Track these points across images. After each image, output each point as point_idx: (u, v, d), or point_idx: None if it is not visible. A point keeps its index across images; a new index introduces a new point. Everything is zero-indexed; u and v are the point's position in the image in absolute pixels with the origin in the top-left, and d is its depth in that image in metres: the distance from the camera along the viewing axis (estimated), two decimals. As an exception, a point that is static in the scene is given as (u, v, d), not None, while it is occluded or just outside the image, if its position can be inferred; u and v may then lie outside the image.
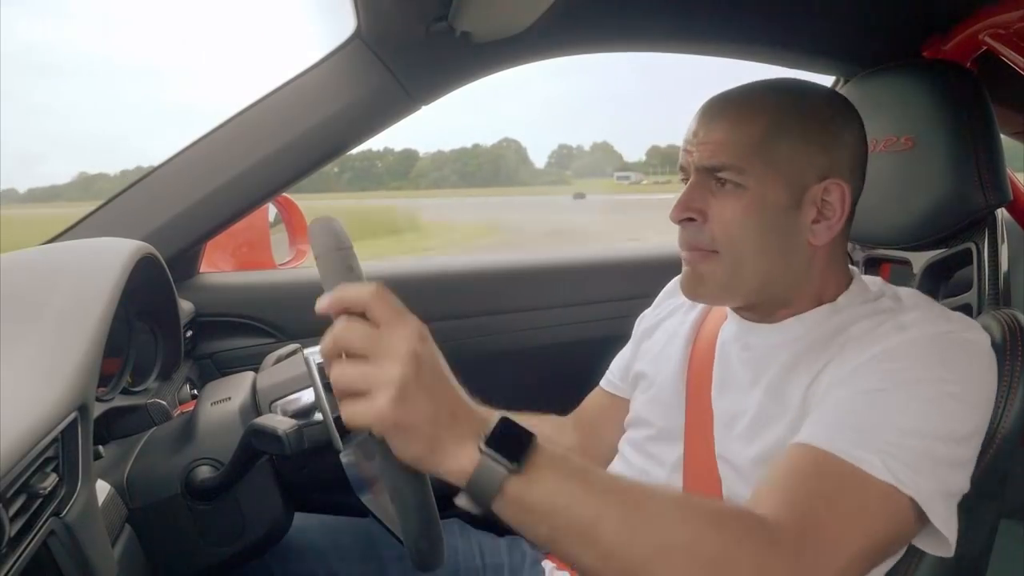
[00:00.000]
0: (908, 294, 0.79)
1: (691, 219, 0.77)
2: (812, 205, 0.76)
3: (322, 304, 0.56)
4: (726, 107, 0.78)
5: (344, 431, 0.79)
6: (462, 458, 0.55)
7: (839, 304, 0.79)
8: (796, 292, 0.79)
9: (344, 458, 0.80)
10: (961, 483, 0.67)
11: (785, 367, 0.76)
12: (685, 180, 0.80)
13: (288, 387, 0.84)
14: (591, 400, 1.09)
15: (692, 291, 0.81)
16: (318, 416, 0.82)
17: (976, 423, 0.68)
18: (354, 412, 0.55)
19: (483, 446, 0.55)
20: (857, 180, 0.79)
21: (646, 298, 1.07)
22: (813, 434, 0.66)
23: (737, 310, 0.86)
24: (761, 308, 0.82)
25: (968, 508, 0.72)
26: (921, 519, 0.64)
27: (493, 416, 0.58)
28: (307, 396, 0.84)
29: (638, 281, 1.09)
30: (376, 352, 0.54)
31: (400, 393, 0.53)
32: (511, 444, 0.56)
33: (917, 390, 0.66)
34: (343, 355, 0.55)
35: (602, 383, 1.08)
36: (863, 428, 0.64)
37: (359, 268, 0.61)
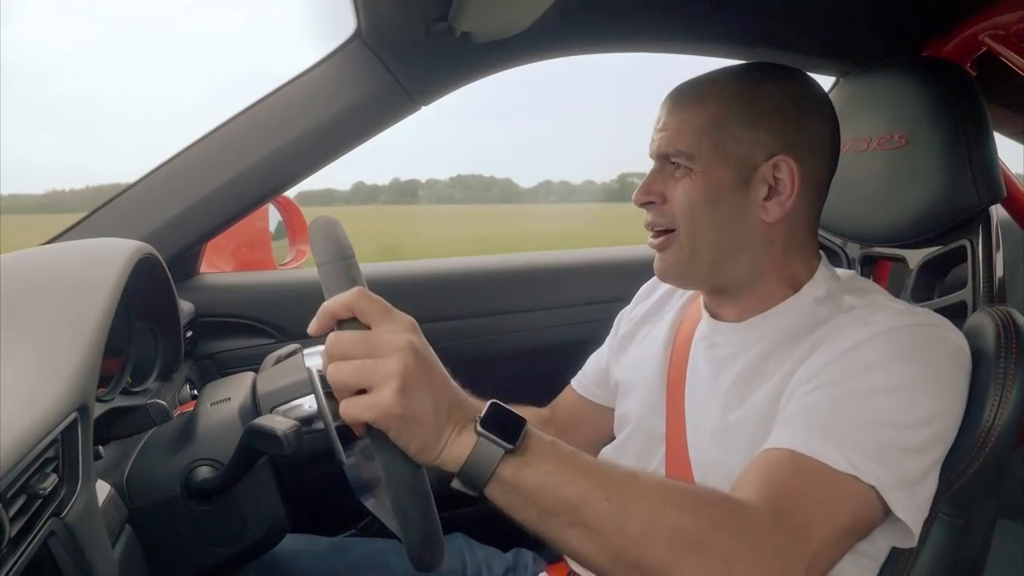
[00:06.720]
0: (875, 292, 0.80)
1: (651, 202, 0.82)
2: (763, 183, 0.78)
3: (313, 328, 0.58)
4: (685, 95, 0.82)
5: (346, 440, 0.80)
6: (460, 444, 0.57)
7: (802, 300, 0.80)
8: (758, 273, 0.82)
9: (347, 459, 0.81)
10: (921, 469, 0.68)
11: (748, 371, 0.79)
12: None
13: (289, 394, 0.84)
14: (564, 399, 1.10)
15: (660, 272, 0.86)
16: (318, 424, 0.82)
17: (934, 407, 0.69)
18: (357, 407, 0.55)
19: (479, 428, 0.57)
20: (820, 162, 0.81)
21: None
22: (784, 438, 0.68)
23: (708, 307, 0.88)
24: (728, 295, 0.85)
25: (964, 507, 0.72)
26: (885, 507, 0.66)
27: (483, 403, 0.60)
28: (308, 402, 0.84)
29: (627, 283, 1.09)
30: (374, 350, 0.55)
31: (403, 383, 0.54)
32: (506, 426, 0.58)
33: (871, 381, 0.68)
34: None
35: (574, 384, 1.09)
36: (825, 425, 0.67)
37: (358, 269, 0.61)
